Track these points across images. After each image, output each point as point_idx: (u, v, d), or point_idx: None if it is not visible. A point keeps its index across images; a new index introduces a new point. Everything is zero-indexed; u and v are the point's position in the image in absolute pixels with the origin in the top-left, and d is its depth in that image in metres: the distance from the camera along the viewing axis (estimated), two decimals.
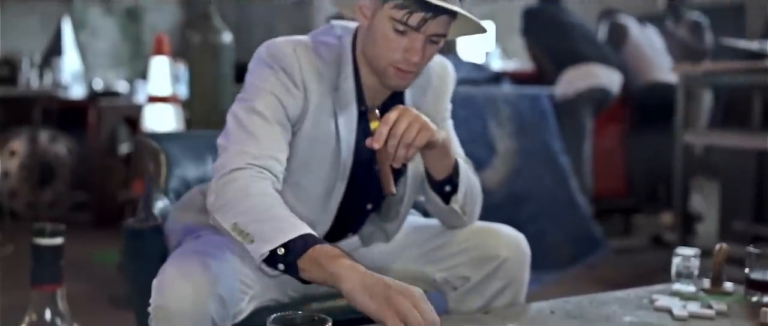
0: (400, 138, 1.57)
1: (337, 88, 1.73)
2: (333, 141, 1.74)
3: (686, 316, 1.70)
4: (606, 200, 5.49)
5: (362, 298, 1.37)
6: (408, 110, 1.61)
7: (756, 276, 1.85)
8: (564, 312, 1.72)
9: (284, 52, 1.70)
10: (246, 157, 1.60)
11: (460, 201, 1.80)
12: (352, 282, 1.39)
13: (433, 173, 1.77)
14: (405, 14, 1.62)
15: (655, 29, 5.75)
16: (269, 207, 1.53)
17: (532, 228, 3.93)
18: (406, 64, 1.67)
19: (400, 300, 1.35)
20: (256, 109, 1.65)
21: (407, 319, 1.33)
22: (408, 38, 1.65)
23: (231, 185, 1.56)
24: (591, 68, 5.02)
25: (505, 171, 4.22)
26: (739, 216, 4.46)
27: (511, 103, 4.36)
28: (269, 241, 1.46)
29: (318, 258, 1.43)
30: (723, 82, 4.55)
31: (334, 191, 1.78)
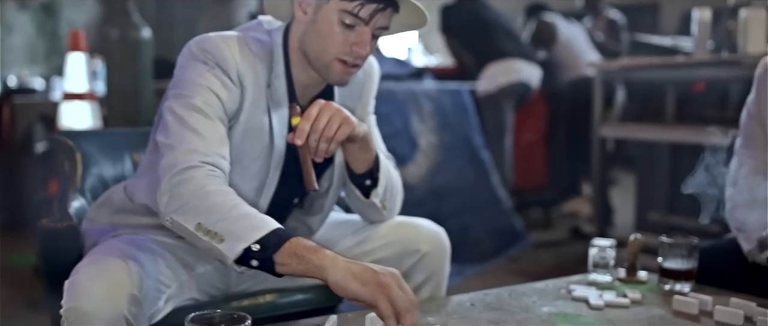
0: (321, 133, 1.58)
1: (269, 85, 1.72)
2: (266, 137, 1.73)
3: (602, 305, 1.74)
4: (527, 193, 5.58)
5: (354, 286, 1.39)
6: (329, 105, 1.61)
7: (669, 265, 1.90)
8: (484, 304, 1.75)
9: (219, 48, 1.68)
10: (195, 155, 1.57)
11: (380, 195, 1.82)
12: (340, 272, 1.40)
13: (354, 167, 1.78)
14: (356, 6, 1.63)
15: (581, 26, 5.86)
16: (234, 206, 1.52)
17: (454, 223, 4.00)
18: (352, 56, 1.68)
19: (390, 284, 1.38)
20: (195, 106, 1.63)
21: (397, 302, 1.37)
22: (356, 32, 1.66)
23: (186, 185, 1.53)
24: (512, 63, 5.09)
25: (427, 166, 4.25)
26: (654, 208, 4.58)
27: (433, 99, 4.39)
28: (242, 239, 1.45)
29: (297, 251, 1.43)
30: (639, 77, 4.66)
31: (266, 187, 1.77)
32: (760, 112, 2.00)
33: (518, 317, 1.66)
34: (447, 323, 1.61)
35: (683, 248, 1.89)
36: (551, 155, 5.82)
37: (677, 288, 1.88)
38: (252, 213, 1.51)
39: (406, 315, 1.38)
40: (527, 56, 5.22)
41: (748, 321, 1.66)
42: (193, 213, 1.50)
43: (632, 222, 4.86)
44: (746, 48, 3.61)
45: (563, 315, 1.68)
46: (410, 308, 1.38)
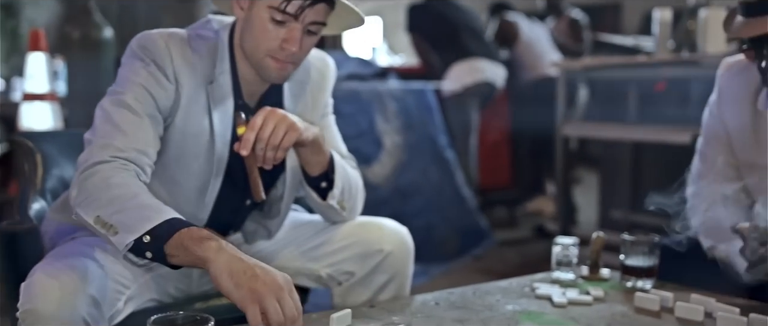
0: (267, 141, 1.58)
1: (212, 81, 1.71)
2: (207, 135, 1.72)
3: (565, 303, 1.76)
4: (491, 192, 5.61)
5: (227, 285, 1.35)
6: (273, 112, 1.61)
7: (630, 262, 1.93)
8: (448, 303, 1.76)
9: (156, 44, 1.67)
10: (110, 150, 1.57)
11: (337, 196, 1.81)
12: (219, 267, 1.36)
13: (308, 170, 1.78)
14: (283, 2, 1.63)
15: (542, 25, 5.90)
16: (133, 196, 1.50)
17: (419, 222, 4.01)
18: (284, 54, 1.67)
19: (264, 293, 1.32)
20: (124, 102, 1.62)
21: (268, 315, 1.31)
22: (286, 28, 1.65)
23: (92, 178, 1.53)
24: (477, 63, 5.11)
25: (392, 166, 4.25)
26: (617, 206, 4.62)
27: (397, 99, 4.39)
28: (133, 230, 1.43)
29: (184, 241, 1.40)
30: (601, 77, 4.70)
31: (210, 187, 1.76)
32: (722, 112, 2.02)
33: (482, 315, 1.66)
34: (411, 322, 1.61)
35: (644, 246, 1.92)
36: (515, 154, 5.86)
37: (639, 285, 1.90)
38: (149, 203, 1.49)
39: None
40: (492, 56, 5.24)
41: (708, 316, 1.69)
42: (94, 206, 1.49)
43: (595, 221, 4.90)
44: (706, 48, 3.66)
45: (527, 313, 1.70)
46: (284, 322, 1.32)
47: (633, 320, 1.68)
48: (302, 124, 1.65)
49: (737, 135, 2.00)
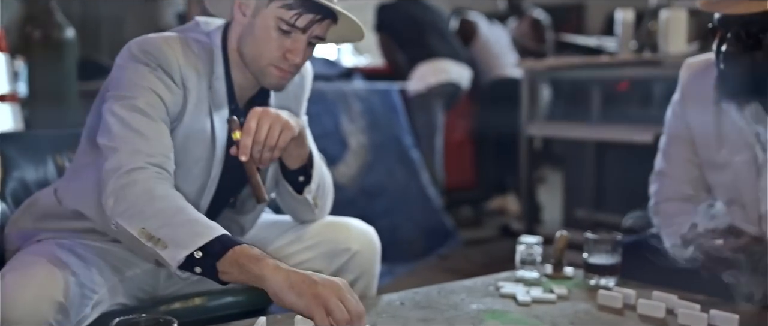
0: (263, 143, 1.59)
1: (210, 87, 1.70)
2: (208, 139, 1.72)
3: (529, 301, 1.77)
4: (456, 192, 5.63)
5: (290, 297, 1.36)
6: (266, 113, 1.61)
7: (594, 260, 1.95)
8: (414, 302, 1.76)
9: (160, 49, 1.65)
10: (141, 156, 1.54)
11: (313, 191, 1.82)
12: (279, 283, 1.37)
13: (288, 163, 1.78)
14: (294, 15, 1.63)
15: (502, 26, 5.93)
16: (178, 211, 1.49)
17: (384, 222, 4.00)
18: (287, 64, 1.68)
19: (327, 295, 1.35)
20: (138, 107, 1.59)
21: (334, 314, 1.34)
22: (291, 39, 1.66)
23: (132, 188, 1.50)
24: (442, 63, 5.13)
25: (357, 166, 4.25)
26: (581, 205, 4.66)
27: (362, 99, 4.39)
28: (185, 246, 1.43)
29: (239, 260, 1.41)
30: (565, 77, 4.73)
31: (207, 189, 1.76)
32: (685, 112, 2.05)
33: (447, 315, 1.67)
34: (377, 322, 1.61)
35: (607, 244, 1.94)
36: (479, 154, 5.88)
37: (602, 283, 1.92)
38: (196, 218, 1.49)
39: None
40: (458, 56, 5.26)
41: (669, 313, 1.71)
42: (138, 217, 1.48)
43: (560, 219, 4.94)
44: (667, 48, 3.70)
45: (491, 311, 1.70)
46: (350, 319, 1.36)
47: (596, 318, 1.69)
48: (292, 120, 1.66)
49: (700, 134, 2.03)
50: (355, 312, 1.36)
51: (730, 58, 1.83)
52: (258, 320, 1.52)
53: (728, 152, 1.96)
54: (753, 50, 1.80)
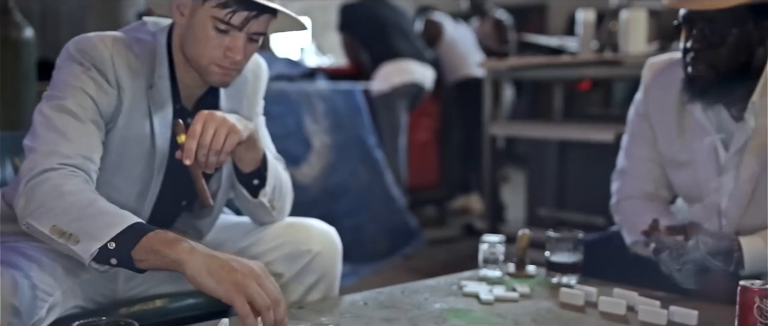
0: (209, 147, 1.56)
1: (151, 86, 1.69)
2: (148, 140, 1.70)
3: (492, 300, 1.78)
4: (420, 192, 5.64)
5: (209, 283, 1.37)
6: (212, 115, 1.59)
7: (555, 258, 1.96)
8: (377, 302, 1.76)
9: (96, 48, 1.63)
10: (56, 157, 1.53)
11: (269, 194, 1.81)
12: (197, 267, 1.38)
13: (241, 166, 1.76)
14: (227, 13, 1.62)
15: (469, 27, 5.95)
16: (89, 203, 1.48)
17: (348, 222, 4.01)
18: (228, 62, 1.66)
19: (247, 282, 1.36)
20: (66, 108, 1.58)
21: (255, 301, 1.35)
22: (229, 37, 1.65)
23: (42, 186, 1.49)
24: (406, 64, 5.13)
25: (320, 166, 4.24)
26: (543, 203, 4.69)
27: (325, 99, 4.39)
28: (97, 238, 1.42)
29: (154, 246, 1.41)
30: (527, 77, 4.76)
31: (149, 190, 1.74)
32: (648, 110, 2.07)
33: (410, 314, 1.67)
34: (340, 323, 1.61)
35: (569, 242, 1.95)
36: (443, 154, 5.90)
37: (564, 280, 1.93)
38: (108, 209, 1.48)
39: (266, 313, 1.37)
40: (421, 57, 5.27)
41: (630, 310, 1.73)
42: (49, 215, 1.46)
43: (523, 218, 4.97)
44: (628, 48, 3.74)
45: (454, 310, 1.71)
46: (271, 305, 1.37)
47: (558, 315, 1.70)
48: (240, 124, 1.64)
49: (662, 132, 2.05)
50: (274, 298, 1.38)
51: (694, 55, 1.85)
52: (220, 322, 1.51)
53: (690, 150, 1.98)
54: (718, 47, 1.82)
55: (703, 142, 1.95)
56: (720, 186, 1.95)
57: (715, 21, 1.80)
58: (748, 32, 1.81)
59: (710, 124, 1.94)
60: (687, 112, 1.98)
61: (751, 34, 1.82)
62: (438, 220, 5.79)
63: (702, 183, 1.98)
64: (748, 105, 1.87)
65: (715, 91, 1.87)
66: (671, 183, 2.08)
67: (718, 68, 1.83)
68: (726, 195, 1.94)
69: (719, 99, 1.90)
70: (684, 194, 2.09)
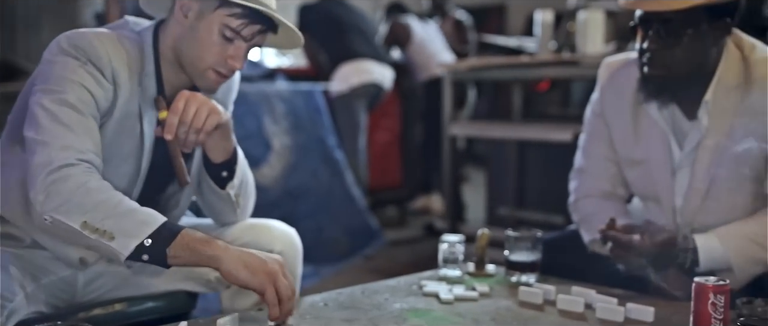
0: (190, 124, 1.60)
1: (140, 85, 1.68)
2: (137, 137, 1.69)
3: (452, 299, 1.79)
4: (381, 192, 5.65)
5: (244, 275, 1.48)
6: (195, 95, 1.62)
7: (515, 257, 1.98)
8: (337, 303, 1.76)
9: (92, 44, 1.62)
10: (72, 152, 1.53)
11: (236, 187, 1.81)
12: (233, 262, 1.49)
13: (213, 156, 1.76)
14: (241, 24, 1.64)
15: (436, 26, 5.96)
16: (119, 202, 1.51)
17: (309, 223, 3.99)
18: (226, 69, 1.68)
19: (276, 272, 1.50)
20: (68, 102, 1.56)
21: (281, 291, 1.49)
22: (234, 46, 1.67)
23: (65, 183, 1.49)
24: (364, 64, 5.13)
25: (281, 167, 4.22)
26: (503, 203, 4.72)
27: (285, 100, 4.37)
28: (134, 236, 1.47)
29: (190, 243, 1.48)
30: (487, 77, 4.78)
31: (136, 186, 1.73)
32: (604, 110, 2.10)
33: (370, 314, 1.67)
34: (300, 324, 1.61)
35: (528, 241, 1.97)
36: (405, 154, 5.91)
37: (523, 279, 1.95)
38: (136, 208, 1.52)
39: (288, 302, 1.50)
40: (380, 57, 5.28)
41: (588, 307, 1.75)
42: (78, 210, 1.48)
43: (483, 218, 4.99)
44: (585, 48, 3.78)
45: (414, 310, 1.71)
46: (291, 296, 1.51)
47: (517, 314, 1.72)
48: (221, 107, 1.68)
49: (618, 131, 2.07)
50: (292, 289, 1.53)
51: (650, 55, 1.88)
52: (179, 325, 1.50)
53: (644, 149, 2.01)
54: (673, 48, 1.85)
55: (657, 140, 1.98)
56: (674, 185, 1.98)
57: (671, 22, 1.83)
58: (703, 33, 1.85)
59: (665, 123, 1.97)
60: (642, 111, 2.00)
61: (706, 34, 1.85)
62: (399, 220, 5.79)
63: (656, 181, 2.01)
64: (702, 104, 1.90)
65: (670, 90, 1.91)
66: (627, 181, 2.11)
67: (674, 68, 1.86)
68: (680, 194, 1.97)
69: (674, 98, 1.93)
70: (639, 193, 2.12)
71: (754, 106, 1.87)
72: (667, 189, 1.99)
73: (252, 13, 1.64)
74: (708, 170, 1.92)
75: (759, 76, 1.87)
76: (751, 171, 1.89)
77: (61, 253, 1.70)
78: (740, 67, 1.89)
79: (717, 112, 1.89)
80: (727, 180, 1.91)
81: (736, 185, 1.91)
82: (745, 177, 1.90)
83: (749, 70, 1.88)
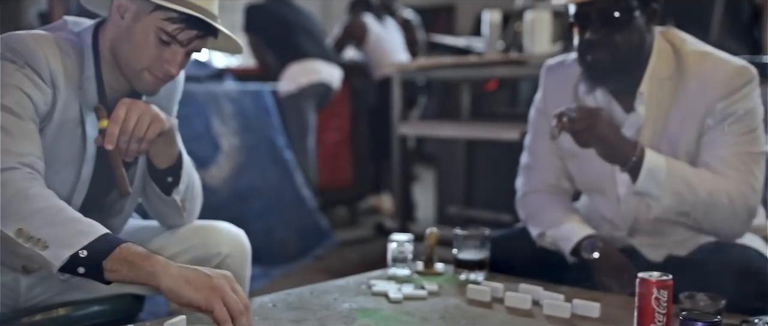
0: (131, 133, 1.56)
1: (80, 87, 1.65)
2: (79, 141, 1.66)
3: (401, 298, 1.79)
4: (332, 192, 5.64)
5: (188, 293, 1.38)
6: (136, 103, 1.59)
7: (463, 256, 1.99)
8: (286, 304, 1.75)
9: (28, 46, 1.58)
10: (12, 156, 1.48)
11: (182, 193, 1.79)
12: (173, 279, 1.39)
13: (157, 162, 1.74)
14: (176, 29, 1.61)
15: (395, 24, 5.95)
16: (59, 210, 1.46)
17: (259, 224, 3.97)
18: (162, 72, 1.65)
19: (222, 287, 1.40)
20: (5, 106, 1.53)
21: (230, 306, 1.39)
22: (170, 50, 1.63)
23: (5, 188, 1.44)
24: (312, 64, 5.12)
25: (229, 168, 4.19)
26: (452, 202, 4.75)
27: (234, 100, 4.34)
28: (69, 245, 1.40)
29: (128, 257, 1.40)
30: (435, 77, 4.80)
31: (77, 191, 1.70)
32: (547, 107, 2.13)
33: (319, 315, 1.67)
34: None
35: (476, 239, 1.99)
36: (355, 154, 5.91)
37: (471, 277, 1.96)
38: (78, 217, 1.46)
39: (240, 317, 1.40)
40: (328, 57, 5.27)
41: (535, 304, 1.76)
42: (14, 218, 1.42)
43: (433, 217, 5.01)
44: (533, 48, 3.82)
45: (363, 310, 1.72)
46: (245, 311, 1.41)
47: (465, 312, 1.73)
48: (163, 114, 1.65)
49: None
50: (245, 303, 1.43)
51: (593, 43, 1.93)
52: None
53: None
54: (613, 34, 1.91)
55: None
56: (615, 175, 2.02)
57: (607, 10, 1.89)
58: (636, 19, 1.91)
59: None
60: (582, 103, 2.04)
61: (639, 18, 1.92)
62: (349, 220, 5.79)
63: (598, 172, 2.05)
64: (637, 96, 1.95)
65: (614, 74, 1.96)
66: (571, 175, 2.15)
67: (616, 53, 1.92)
68: (623, 184, 2.01)
69: (617, 84, 1.97)
70: (584, 186, 2.16)
71: (688, 96, 1.94)
72: (609, 179, 2.04)
73: (189, 18, 1.61)
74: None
75: (692, 66, 1.95)
76: (686, 157, 1.95)
77: (4, 259, 1.66)
78: (673, 59, 1.97)
79: (653, 103, 1.96)
80: None
81: None
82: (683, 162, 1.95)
83: (682, 61, 1.96)
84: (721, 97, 1.90)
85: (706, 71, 1.93)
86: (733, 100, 1.91)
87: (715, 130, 1.92)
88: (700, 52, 1.98)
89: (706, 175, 1.91)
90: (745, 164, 1.90)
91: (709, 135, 1.93)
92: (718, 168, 1.90)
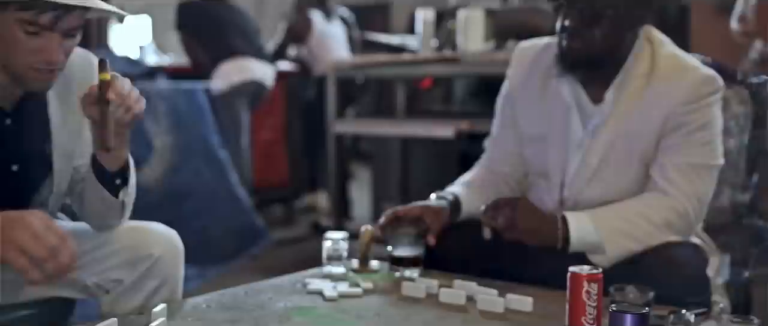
0: (124, 100, 1.57)
1: None
2: None
3: (336, 297, 1.79)
4: (267, 191, 5.61)
5: None
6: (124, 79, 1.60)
7: (398, 253, 2.00)
8: (220, 304, 1.74)
9: None
10: None
11: (130, 194, 1.76)
12: None
13: (110, 164, 1.69)
14: (33, 14, 1.53)
15: (340, 22, 5.93)
16: None
17: (193, 224, 3.93)
18: (44, 64, 1.58)
19: (17, 235, 1.34)
20: None
21: (32, 253, 1.34)
22: (42, 38, 1.56)
23: None
24: (244, 62, 5.09)
25: (163, 168, 4.14)
26: (388, 199, 4.77)
27: (166, 99, 4.28)
28: None
29: None
30: (370, 75, 4.81)
31: None
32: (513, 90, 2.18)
33: (254, 314, 1.66)
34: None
35: (410, 236, 1.99)
36: (291, 152, 5.89)
37: (406, 274, 1.97)
38: None
39: (43, 264, 1.36)
40: (261, 55, 5.24)
41: (470, 299, 1.78)
42: None
43: (369, 214, 5.02)
44: (466, 46, 3.85)
45: (298, 308, 1.72)
46: (47, 256, 1.36)
47: (400, 309, 1.74)
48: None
49: (523, 107, 2.15)
50: (51, 246, 1.37)
51: (571, 31, 1.96)
52: None
53: (547, 124, 2.09)
54: (592, 27, 1.94)
55: (559, 118, 2.05)
56: (567, 160, 2.04)
57: (593, 3, 1.92)
58: (621, 16, 1.94)
59: (571, 102, 2.04)
60: (550, 89, 2.07)
61: (624, 18, 1.95)
62: (286, 219, 5.77)
63: (550, 156, 2.08)
64: (609, 87, 1.99)
65: (584, 66, 1.99)
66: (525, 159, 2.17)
67: (591, 47, 1.95)
68: (572, 170, 2.04)
69: (586, 75, 2.02)
70: (534, 169, 2.18)
71: (654, 96, 1.97)
72: (558, 164, 2.07)
73: (39, 1, 1.53)
74: (603, 149, 2.00)
75: (663, 69, 1.98)
76: (642, 155, 1.99)
77: None
78: (649, 59, 2.00)
79: (622, 98, 1.99)
80: (618, 161, 2.00)
81: (626, 166, 2.01)
82: (636, 159, 2.00)
83: (656, 61, 2.00)
84: (683, 102, 1.94)
85: (674, 75, 1.97)
86: (694, 107, 1.94)
87: (672, 136, 1.96)
88: (673, 54, 2.02)
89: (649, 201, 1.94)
90: (695, 176, 1.94)
91: (665, 140, 1.97)
92: (667, 179, 1.94)
